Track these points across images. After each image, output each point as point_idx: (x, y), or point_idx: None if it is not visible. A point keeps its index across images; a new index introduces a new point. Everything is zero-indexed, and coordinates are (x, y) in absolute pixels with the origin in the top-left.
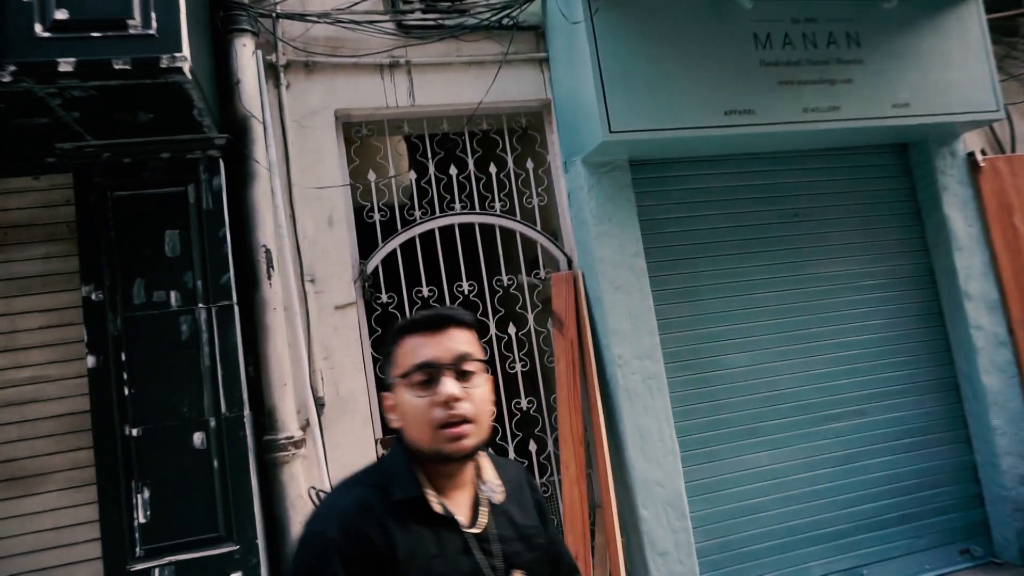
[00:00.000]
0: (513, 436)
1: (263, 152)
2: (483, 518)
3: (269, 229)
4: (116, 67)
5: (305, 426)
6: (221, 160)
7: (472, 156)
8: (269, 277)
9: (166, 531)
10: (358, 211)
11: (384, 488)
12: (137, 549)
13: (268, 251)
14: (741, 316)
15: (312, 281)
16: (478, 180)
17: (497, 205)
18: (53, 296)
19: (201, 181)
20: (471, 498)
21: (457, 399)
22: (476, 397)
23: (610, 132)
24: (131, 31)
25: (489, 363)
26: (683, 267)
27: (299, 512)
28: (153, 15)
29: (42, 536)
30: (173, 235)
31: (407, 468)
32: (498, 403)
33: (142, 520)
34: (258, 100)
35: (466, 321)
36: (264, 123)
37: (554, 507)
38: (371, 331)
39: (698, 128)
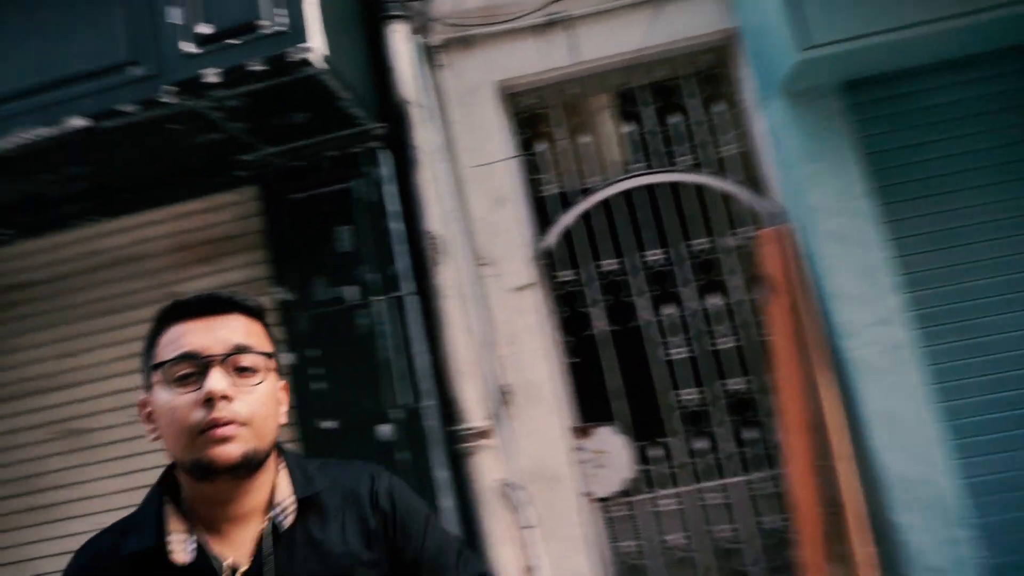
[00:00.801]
0: (733, 422)
1: (423, 137)
2: (267, 553)
3: (436, 214)
4: (250, 69)
5: (492, 415)
6: (383, 150)
7: (649, 108)
8: (439, 263)
9: None
10: (530, 186)
11: (127, 534)
12: None
13: (436, 237)
14: (1020, 262)
15: (487, 264)
16: (660, 134)
17: (684, 160)
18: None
19: (365, 174)
20: (258, 530)
21: (225, 396)
22: (253, 398)
23: (807, 48)
24: (263, 31)
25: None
26: (930, 206)
27: (486, 506)
28: (281, 12)
29: None
30: (344, 231)
31: (155, 507)
32: (705, 385)
33: None
34: (413, 84)
35: (249, 307)
36: (422, 106)
37: (779, 505)
38: (556, 312)
39: (929, 23)
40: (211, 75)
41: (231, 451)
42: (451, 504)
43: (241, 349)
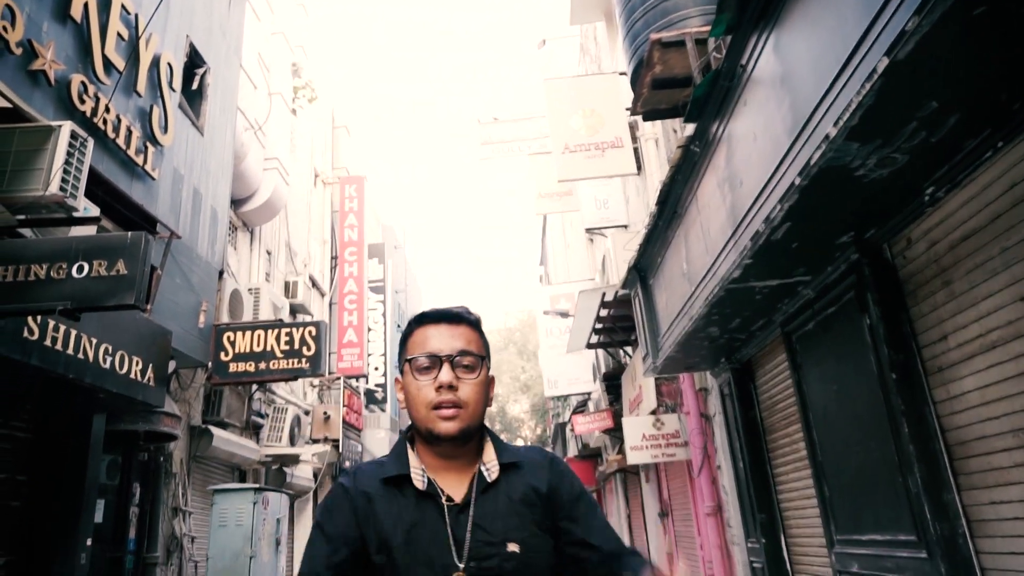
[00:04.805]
0: None
1: None
2: (472, 493)
3: None
4: None
5: None
6: None
7: None
8: None
9: None
10: None
11: (385, 465)
12: None
13: None
14: None
15: None
16: None
17: None
18: None
19: None
20: (471, 477)
21: (451, 386)
22: (469, 388)
23: None
24: None
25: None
26: None
27: None
28: None
29: None
30: None
31: (401, 450)
32: None
33: None
34: None
35: (472, 320)
36: None
37: None
38: None
39: None
40: None
41: (451, 427)
42: None
43: (464, 353)
